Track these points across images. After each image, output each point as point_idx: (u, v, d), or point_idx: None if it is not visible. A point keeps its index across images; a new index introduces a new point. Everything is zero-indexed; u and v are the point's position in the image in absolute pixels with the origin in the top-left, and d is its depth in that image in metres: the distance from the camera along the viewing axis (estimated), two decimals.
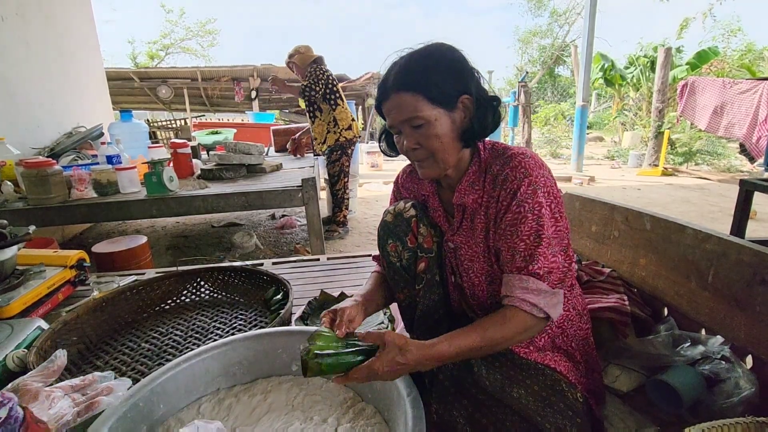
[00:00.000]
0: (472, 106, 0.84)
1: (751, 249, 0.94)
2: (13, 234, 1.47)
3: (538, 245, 0.80)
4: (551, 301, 0.80)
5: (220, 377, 1.02)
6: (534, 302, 0.79)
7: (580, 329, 0.95)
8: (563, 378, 0.88)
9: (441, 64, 0.83)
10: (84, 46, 4.24)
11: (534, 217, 0.80)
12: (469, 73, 0.85)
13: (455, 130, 0.85)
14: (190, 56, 19.79)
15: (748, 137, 6.08)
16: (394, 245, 1.00)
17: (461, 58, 0.85)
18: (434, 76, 0.82)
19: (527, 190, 0.81)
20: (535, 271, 0.80)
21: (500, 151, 0.89)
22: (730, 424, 0.74)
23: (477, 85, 0.86)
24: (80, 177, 2.46)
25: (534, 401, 0.83)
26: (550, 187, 0.83)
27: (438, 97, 0.82)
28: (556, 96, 17.74)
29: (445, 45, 0.87)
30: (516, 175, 0.83)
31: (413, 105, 0.82)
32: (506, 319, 0.80)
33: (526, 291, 0.80)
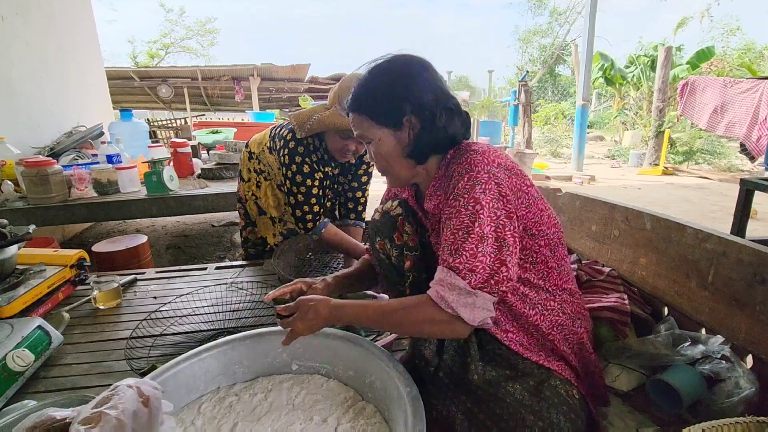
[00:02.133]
0: (418, 124, 0.86)
1: (752, 248, 0.94)
2: (13, 233, 1.47)
3: (465, 240, 0.77)
4: (465, 300, 0.76)
5: (221, 376, 1.02)
6: (443, 295, 0.77)
7: (574, 333, 0.92)
8: (558, 375, 0.87)
9: (387, 87, 0.86)
10: (84, 46, 4.24)
11: (467, 213, 0.78)
12: (416, 92, 0.85)
13: (402, 148, 0.89)
14: (190, 55, 19.82)
15: (748, 136, 6.07)
16: (381, 242, 1.03)
17: (410, 77, 0.87)
18: (379, 99, 0.87)
19: (465, 185, 0.80)
20: (454, 265, 0.77)
21: (460, 150, 0.90)
22: (731, 423, 0.74)
23: (426, 102, 0.85)
24: (80, 176, 2.46)
25: (529, 396, 0.83)
26: (497, 185, 0.80)
27: (383, 119, 0.87)
28: (556, 95, 17.74)
29: (397, 63, 0.89)
30: (459, 170, 0.83)
31: (362, 125, 0.90)
32: (418, 304, 0.81)
33: (442, 283, 0.78)
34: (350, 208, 1.76)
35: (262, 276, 1.85)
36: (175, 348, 1.31)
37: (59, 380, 1.19)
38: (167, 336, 1.38)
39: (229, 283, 1.76)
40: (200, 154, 3.57)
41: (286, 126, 1.65)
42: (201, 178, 2.90)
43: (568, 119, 12.60)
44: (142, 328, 1.41)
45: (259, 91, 9.32)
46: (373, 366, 0.94)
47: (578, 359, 0.93)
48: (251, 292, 1.66)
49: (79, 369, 1.24)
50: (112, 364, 1.26)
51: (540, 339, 0.89)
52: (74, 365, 1.26)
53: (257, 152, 1.78)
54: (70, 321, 1.47)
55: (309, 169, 1.55)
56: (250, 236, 1.98)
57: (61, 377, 1.21)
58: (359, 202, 1.75)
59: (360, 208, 1.77)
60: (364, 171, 1.72)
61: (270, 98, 10.47)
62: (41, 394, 1.13)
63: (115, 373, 1.21)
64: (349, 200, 1.75)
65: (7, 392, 1.07)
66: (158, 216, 2.75)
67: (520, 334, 0.89)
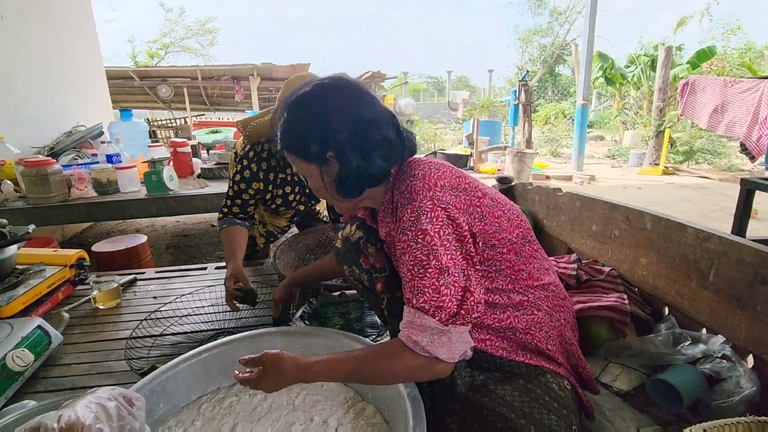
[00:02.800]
0: (338, 162, 0.82)
1: (752, 248, 0.93)
2: (13, 233, 1.47)
3: (423, 276, 0.73)
4: (438, 339, 0.72)
5: (221, 376, 1.02)
6: (416, 339, 0.72)
7: (554, 328, 0.89)
8: (547, 369, 0.86)
9: (303, 125, 0.83)
10: (84, 46, 4.23)
11: (418, 246, 0.74)
12: (327, 129, 0.80)
13: (331, 182, 0.85)
14: (190, 55, 19.81)
15: (748, 136, 6.06)
16: (350, 270, 0.99)
17: (324, 112, 0.81)
18: (298, 138, 0.84)
19: (410, 217, 0.76)
20: (420, 305, 0.72)
21: (401, 174, 0.85)
22: (731, 423, 0.73)
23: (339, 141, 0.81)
24: (80, 176, 2.46)
25: (519, 396, 0.82)
26: (444, 210, 0.77)
27: (306, 156, 0.84)
28: (556, 95, 17.72)
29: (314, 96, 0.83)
30: (402, 201, 0.79)
31: (293, 161, 0.88)
32: (391, 352, 0.76)
33: (411, 326, 0.73)
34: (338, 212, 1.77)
35: (262, 276, 1.85)
36: (175, 348, 1.31)
37: (59, 380, 1.19)
38: (167, 336, 1.38)
39: None
40: (200, 153, 3.57)
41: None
42: (201, 178, 2.90)
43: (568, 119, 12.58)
44: (141, 329, 1.40)
45: (259, 91, 9.31)
46: None
47: (562, 353, 0.90)
48: None
49: (78, 369, 1.24)
50: (111, 364, 1.26)
51: (519, 340, 0.86)
52: (74, 365, 1.26)
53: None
54: (69, 321, 1.47)
55: (249, 175, 1.59)
56: None
57: (61, 377, 1.21)
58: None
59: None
60: None
61: (270, 98, 10.46)
62: (41, 394, 1.13)
63: (115, 373, 1.21)
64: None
65: (6, 392, 1.07)
66: (158, 216, 2.75)
67: (498, 340, 0.86)
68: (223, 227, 1.63)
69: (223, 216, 1.64)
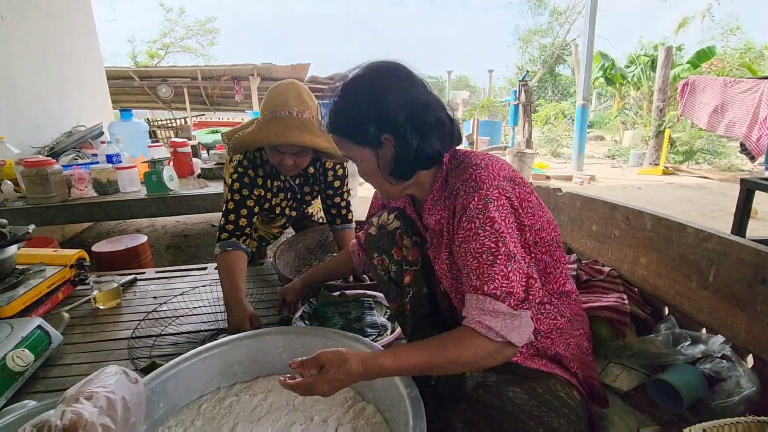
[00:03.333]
0: (395, 144, 0.82)
1: (752, 248, 0.93)
2: (13, 233, 1.47)
3: (493, 264, 0.74)
4: (511, 324, 0.73)
5: (221, 376, 1.02)
6: (490, 325, 0.73)
7: (572, 336, 0.91)
8: (557, 377, 0.87)
9: (357, 108, 0.82)
10: (84, 45, 4.23)
11: (486, 233, 0.75)
12: (385, 111, 0.80)
13: (384, 166, 0.85)
14: (190, 55, 19.82)
15: (748, 136, 6.07)
16: (380, 259, 0.98)
17: (379, 93, 0.81)
18: (352, 120, 0.83)
19: (477, 205, 0.77)
20: (491, 292, 0.74)
21: (458, 163, 0.86)
22: (731, 423, 0.73)
23: (397, 121, 0.80)
24: (80, 176, 2.46)
25: (529, 399, 0.82)
26: (508, 199, 0.79)
27: (361, 140, 0.83)
28: (556, 95, 17.73)
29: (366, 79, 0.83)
30: (466, 189, 0.79)
31: (343, 145, 0.87)
32: (462, 339, 0.76)
33: (483, 312, 0.74)
34: (334, 213, 1.75)
35: (262, 276, 1.85)
36: (175, 348, 1.31)
37: (59, 380, 1.19)
38: (167, 336, 1.38)
39: None
40: (200, 153, 3.57)
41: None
42: (201, 178, 2.90)
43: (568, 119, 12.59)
44: (142, 328, 1.41)
45: (259, 91, 9.31)
46: None
47: (577, 363, 0.92)
48: (251, 292, 1.66)
49: (78, 369, 1.24)
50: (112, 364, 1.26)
51: (539, 344, 0.88)
52: (74, 365, 1.26)
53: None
54: (69, 321, 1.47)
55: (249, 180, 1.52)
56: None
57: (61, 377, 1.21)
58: (341, 207, 1.74)
59: (343, 212, 1.76)
60: (333, 176, 1.68)
61: None
62: (41, 394, 1.13)
63: None
64: (331, 207, 1.74)
65: (7, 392, 1.07)
66: (158, 216, 2.75)
67: None
68: (225, 251, 1.42)
69: (226, 237, 1.46)
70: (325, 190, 1.71)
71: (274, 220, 1.87)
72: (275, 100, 1.36)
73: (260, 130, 1.36)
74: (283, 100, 1.35)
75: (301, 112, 1.35)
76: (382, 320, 1.38)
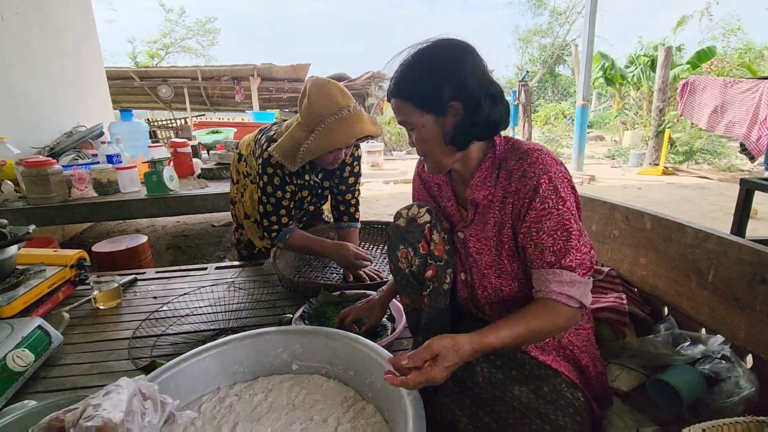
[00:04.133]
0: (462, 111, 0.85)
1: (752, 248, 0.94)
2: (13, 233, 1.47)
3: (568, 239, 0.81)
4: (585, 290, 0.83)
5: (221, 376, 1.02)
6: (571, 294, 0.81)
7: (584, 329, 0.95)
8: (563, 378, 0.88)
9: (431, 73, 0.84)
10: (84, 46, 4.23)
11: (558, 212, 0.82)
12: (461, 77, 0.83)
13: (444, 135, 0.87)
14: (191, 55, 19.82)
15: (748, 136, 6.07)
16: (405, 251, 0.99)
17: (454, 62, 0.84)
18: (423, 85, 0.85)
19: (549, 186, 0.82)
20: (568, 264, 0.81)
21: (515, 146, 0.90)
22: (731, 423, 0.74)
23: (471, 88, 0.84)
24: (80, 176, 2.46)
25: (536, 398, 0.83)
26: (569, 182, 0.85)
27: (426, 105, 0.85)
28: (556, 95, 17.73)
29: (441, 48, 0.86)
30: (535, 171, 0.83)
31: (405, 111, 0.88)
32: (549, 310, 0.82)
33: (562, 284, 0.81)
34: (342, 210, 1.75)
35: (262, 276, 1.85)
36: (175, 348, 1.31)
37: (59, 380, 1.19)
38: (168, 336, 1.38)
39: (229, 283, 1.76)
40: (200, 154, 3.57)
41: (266, 132, 1.64)
42: (201, 178, 2.90)
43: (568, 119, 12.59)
44: (143, 329, 1.41)
45: (259, 91, 9.33)
46: (373, 366, 0.94)
47: (589, 357, 0.93)
48: (251, 292, 1.66)
49: (79, 369, 1.24)
50: (112, 364, 1.26)
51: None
52: (74, 365, 1.26)
53: (246, 154, 1.78)
54: (70, 321, 1.47)
55: (279, 181, 1.55)
56: (242, 238, 1.98)
57: (61, 377, 1.21)
58: (350, 204, 1.75)
59: (352, 209, 1.76)
60: (349, 172, 1.70)
61: (270, 98, 10.47)
62: (41, 394, 1.13)
63: (116, 373, 1.21)
64: (340, 203, 1.75)
65: (7, 392, 1.07)
66: (158, 216, 2.75)
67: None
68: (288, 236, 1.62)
69: (277, 230, 1.62)
70: (338, 185, 1.72)
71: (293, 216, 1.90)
72: (328, 104, 1.41)
73: (334, 133, 1.41)
74: (336, 101, 1.41)
75: (354, 106, 1.45)
76: (383, 320, 1.38)
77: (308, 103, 1.43)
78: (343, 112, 1.41)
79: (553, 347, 0.91)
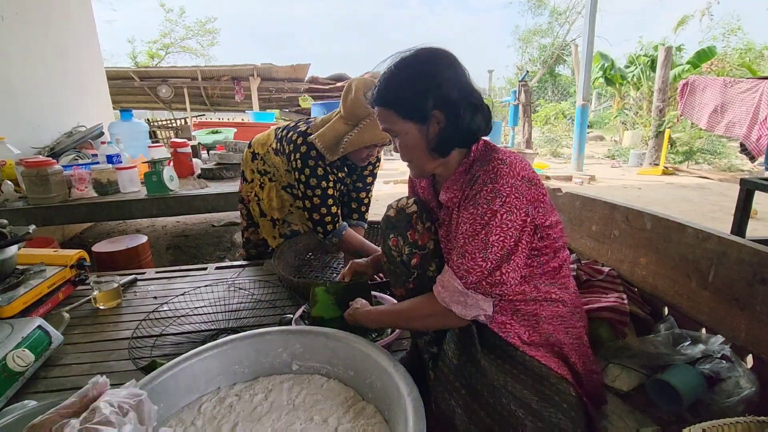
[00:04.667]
0: (444, 119, 0.87)
1: (752, 248, 0.94)
2: (14, 233, 1.47)
3: (469, 244, 0.83)
4: (457, 299, 0.84)
5: (221, 376, 1.02)
6: (439, 291, 0.87)
7: (574, 327, 0.94)
8: (555, 373, 0.88)
9: (412, 82, 0.87)
10: (84, 46, 4.23)
11: (482, 222, 0.82)
12: (442, 87, 0.86)
13: (427, 142, 0.90)
14: (190, 55, 19.80)
15: (748, 136, 6.07)
16: (395, 239, 1.02)
17: (436, 71, 0.87)
18: (405, 94, 0.88)
19: (487, 196, 0.82)
20: (454, 266, 0.85)
21: (487, 154, 0.91)
22: (731, 423, 0.74)
23: (451, 97, 0.86)
24: (80, 176, 2.46)
25: (529, 394, 0.84)
26: (517, 199, 0.82)
27: (408, 113, 0.88)
28: (556, 95, 17.74)
29: (422, 57, 0.89)
30: (484, 179, 0.84)
31: (388, 119, 0.91)
32: (423, 300, 0.92)
33: (441, 281, 0.88)
34: (353, 208, 1.75)
35: (262, 276, 1.85)
36: (175, 348, 1.31)
37: (59, 380, 1.19)
38: (168, 336, 1.38)
39: (230, 283, 1.76)
40: (200, 154, 3.57)
41: (293, 129, 1.63)
42: (201, 178, 2.90)
43: (568, 119, 12.59)
44: (143, 328, 1.41)
45: (259, 91, 9.32)
46: (373, 366, 0.94)
47: (578, 355, 0.93)
48: (251, 292, 1.66)
49: (79, 369, 1.24)
50: (112, 364, 1.26)
51: (542, 330, 0.90)
52: (74, 365, 1.26)
53: (262, 153, 1.77)
54: (70, 321, 1.47)
55: (323, 171, 1.55)
56: (252, 237, 1.98)
57: (61, 377, 1.21)
58: (363, 203, 1.75)
59: (363, 208, 1.76)
60: (369, 172, 1.72)
61: (270, 98, 10.46)
62: (41, 394, 1.13)
63: (116, 373, 1.21)
64: (353, 200, 1.75)
65: (7, 392, 1.07)
66: (158, 216, 2.75)
67: (518, 326, 0.90)
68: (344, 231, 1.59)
69: (332, 222, 1.59)
70: (355, 182, 1.73)
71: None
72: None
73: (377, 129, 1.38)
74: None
75: None
76: None
77: (354, 98, 1.46)
78: None
79: (540, 344, 0.91)
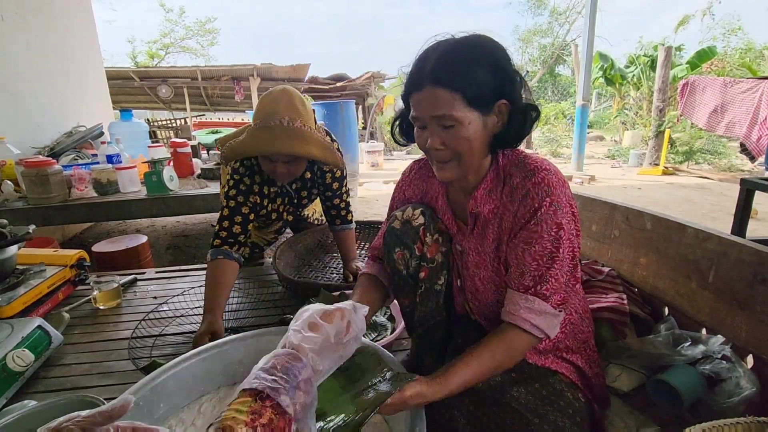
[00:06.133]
0: (507, 112, 0.79)
1: (752, 248, 0.94)
2: (14, 233, 1.47)
3: (550, 267, 0.78)
4: (552, 322, 0.79)
5: (221, 376, 1.02)
6: (536, 323, 0.78)
7: (582, 332, 0.95)
8: (563, 378, 0.88)
9: (485, 63, 0.75)
10: (84, 46, 4.23)
11: (550, 238, 0.78)
12: (511, 76, 0.78)
13: (486, 135, 0.80)
14: (190, 55, 19.81)
15: (748, 136, 6.06)
16: (401, 253, 0.97)
17: (506, 58, 0.78)
18: (476, 76, 0.74)
19: (548, 210, 0.78)
20: (542, 292, 0.78)
21: (520, 161, 0.84)
22: (731, 423, 0.74)
23: (516, 91, 0.79)
24: (80, 176, 2.46)
25: (534, 400, 0.83)
26: (571, 206, 0.80)
27: (476, 99, 0.75)
28: (556, 95, 17.73)
29: (492, 41, 0.78)
30: (538, 192, 0.79)
31: (449, 103, 0.75)
32: (509, 341, 0.79)
33: (530, 311, 0.78)
34: (333, 215, 1.76)
35: (262, 276, 1.85)
36: (175, 348, 1.31)
37: (59, 380, 1.19)
38: (168, 336, 1.38)
39: None
40: (200, 154, 3.56)
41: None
42: (201, 178, 2.90)
43: (568, 119, 12.58)
44: (142, 328, 1.41)
45: (259, 91, 9.31)
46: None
47: (584, 358, 0.93)
48: (251, 292, 1.66)
49: (79, 369, 1.24)
50: (112, 364, 1.26)
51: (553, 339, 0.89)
52: (74, 365, 1.26)
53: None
54: (70, 321, 1.47)
55: (245, 188, 1.48)
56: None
57: (61, 377, 1.21)
58: (340, 208, 1.74)
59: (343, 212, 1.76)
60: (331, 178, 1.67)
61: None
62: (41, 394, 1.13)
63: (116, 373, 1.22)
64: (330, 208, 1.74)
65: (7, 392, 1.07)
66: (158, 216, 2.75)
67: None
68: (215, 259, 1.40)
69: (219, 244, 1.45)
70: (324, 192, 1.71)
71: (270, 226, 1.86)
72: (266, 109, 1.34)
73: (250, 140, 1.34)
74: (274, 109, 1.33)
75: (292, 120, 1.32)
76: (382, 320, 1.38)
77: (257, 105, 1.39)
78: (274, 122, 1.30)
79: (550, 351, 0.91)
